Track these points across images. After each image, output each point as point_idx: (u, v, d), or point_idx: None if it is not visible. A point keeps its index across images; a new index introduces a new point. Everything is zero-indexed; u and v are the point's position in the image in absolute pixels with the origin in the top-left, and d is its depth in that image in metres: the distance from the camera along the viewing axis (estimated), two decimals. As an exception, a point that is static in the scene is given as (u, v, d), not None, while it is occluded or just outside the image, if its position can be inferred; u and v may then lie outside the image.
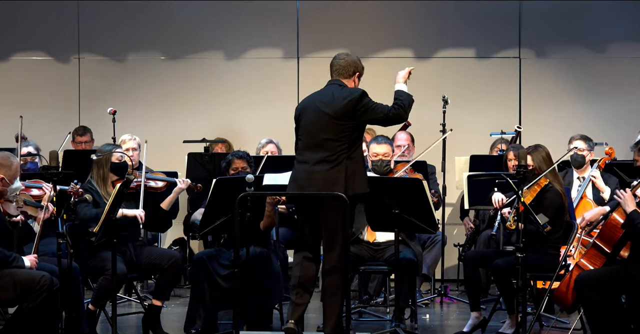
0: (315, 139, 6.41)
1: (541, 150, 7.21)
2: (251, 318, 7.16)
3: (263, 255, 7.27)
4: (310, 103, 6.51)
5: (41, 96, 10.61)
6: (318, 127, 6.41)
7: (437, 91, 9.62)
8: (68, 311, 6.57)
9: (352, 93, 6.46)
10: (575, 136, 8.44)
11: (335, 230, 6.38)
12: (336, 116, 6.39)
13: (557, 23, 10.50)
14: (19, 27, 10.66)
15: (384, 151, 7.69)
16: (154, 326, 7.17)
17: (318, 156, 6.38)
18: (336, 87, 6.51)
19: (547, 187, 7.11)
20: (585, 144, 8.34)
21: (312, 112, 6.46)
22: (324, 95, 6.50)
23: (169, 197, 7.51)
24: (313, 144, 6.42)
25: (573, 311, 7.13)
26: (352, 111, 6.41)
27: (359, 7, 10.59)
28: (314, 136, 6.42)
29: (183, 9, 10.64)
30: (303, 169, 6.42)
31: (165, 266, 7.17)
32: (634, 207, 6.35)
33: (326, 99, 6.45)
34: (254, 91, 10.51)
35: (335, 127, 6.39)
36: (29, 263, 6.32)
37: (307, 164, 6.41)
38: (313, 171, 6.38)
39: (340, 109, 6.39)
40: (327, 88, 6.56)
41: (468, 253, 7.56)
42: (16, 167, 6.39)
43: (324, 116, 6.40)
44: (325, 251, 6.45)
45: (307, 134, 6.47)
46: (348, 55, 6.63)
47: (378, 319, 7.94)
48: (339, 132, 6.40)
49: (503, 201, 7.17)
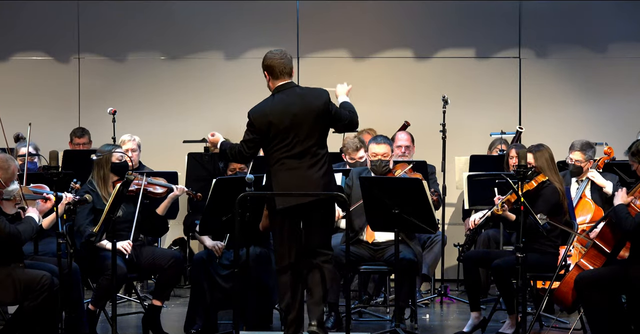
0: (301, 146, 6.26)
1: (544, 150, 7.21)
2: (251, 318, 7.17)
3: (263, 255, 7.27)
4: (279, 111, 6.26)
5: (41, 96, 10.61)
6: (300, 134, 6.25)
7: (437, 91, 9.63)
8: (68, 311, 6.57)
9: (322, 93, 6.32)
10: (575, 145, 8.19)
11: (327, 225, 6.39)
12: (316, 119, 6.27)
13: (557, 23, 10.49)
14: (19, 27, 10.65)
15: (383, 151, 7.65)
16: (154, 326, 7.17)
17: (305, 161, 6.28)
18: (299, 89, 6.35)
19: (545, 183, 7.11)
20: (584, 156, 8.18)
21: (286, 119, 6.24)
22: (293, 99, 6.28)
23: (164, 203, 7.46)
24: (298, 152, 6.26)
25: (573, 311, 7.13)
26: (327, 111, 6.30)
27: (359, 7, 10.58)
28: (299, 143, 6.26)
29: (183, 9, 10.64)
30: (295, 174, 6.27)
31: (166, 266, 7.17)
32: (622, 202, 6.42)
33: (298, 104, 6.26)
34: (254, 91, 10.45)
35: (316, 131, 6.28)
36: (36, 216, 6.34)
37: (297, 170, 6.27)
38: (307, 175, 6.28)
39: (319, 111, 6.27)
40: (289, 92, 6.32)
41: (468, 252, 7.57)
42: (13, 170, 6.40)
43: (304, 121, 6.24)
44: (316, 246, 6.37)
45: (288, 141, 6.26)
46: (283, 51, 6.37)
47: (378, 319, 7.94)
48: (320, 136, 6.31)
49: (475, 222, 7.22)
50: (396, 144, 9.02)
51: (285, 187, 6.28)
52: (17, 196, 6.45)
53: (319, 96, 6.32)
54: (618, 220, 6.41)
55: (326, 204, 6.36)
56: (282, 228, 6.36)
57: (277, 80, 6.36)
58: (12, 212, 6.45)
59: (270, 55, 6.36)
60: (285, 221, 6.34)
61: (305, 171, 6.28)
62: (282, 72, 6.33)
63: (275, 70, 6.34)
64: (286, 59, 6.34)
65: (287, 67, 6.34)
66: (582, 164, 8.17)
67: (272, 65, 6.34)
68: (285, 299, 6.38)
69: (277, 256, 6.43)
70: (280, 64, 6.33)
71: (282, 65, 6.33)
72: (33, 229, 6.34)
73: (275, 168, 6.31)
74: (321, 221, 6.38)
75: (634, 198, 6.47)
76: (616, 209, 6.43)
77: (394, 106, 10.36)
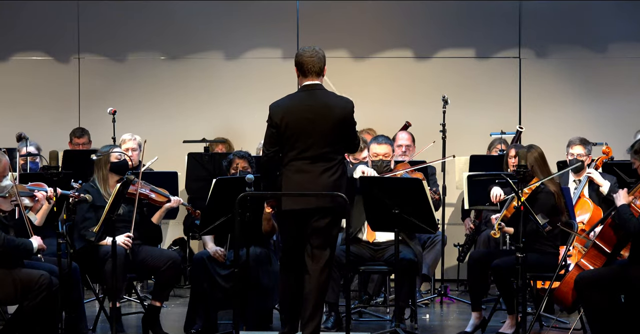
0: (316, 150, 6.19)
1: (534, 150, 7.19)
2: (251, 318, 7.17)
3: (263, 255, 7.27)
4: (298, 110, 6.19)
5: (41, 96, 10.61)
6: (316, 138, 6.18)
7: (437, 91, 9.63)
8: (68, 311, 6.57)
9: (347, 104, 6.27)
10: (574, 141, 8.28)
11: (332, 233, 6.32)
12: (334, 127, 6.19)
13: (557, 23, 10.49)
14: (19, 27, 10.66)
15: (384, 151, 7.64)
16: (153, 326, 7.16)
17: (319, 166, 6.22)
18: (324, 93, 6.27)
19: (539, 188, 7.10)
20: (585, 150, 8.24)
21: (305, 122, 6.17)
22: (314, 102, 6.22)
23: (158, 212, 7.43)
24: (312, 156, 6.20)
25: (573, 311, 7.13)
26: (347, 123, 6.25)
27: (359, 7, 10.58)
28: (314, 147, 6.19)
29: (183, 9, 10.64)
30: (307, 177, 6.20)
31: (163, 267, 7.15)
32: (625, 202, 6.39)
33: (319, 109, 6.19)
34: (254, 90, 10.49)
35: (333, 138, 6.21)
36: (37, 243, 6.33)
37: (309, 174, 6.20)
38: (318, 180, 6.20)
39: (339, 120, 6.20)
40: (312, 93, 6.26)
41: (472, 253, 7.56)
42: (4, 165, 6.40)
43: (322, 127, 6.17)
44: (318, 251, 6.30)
45: (303, 143, 6.19)
46: (315, 49, 6.30)
47: (378, 319, 7.94)
48: (337, 142, 6.23)
49: (500, 197, 7.18)
50: (397, 143, 9.03)
51: (294, 189, 6.23)
52: (12, 193, 6.45)
53: (345, 106, 6.25)
54: (622, 221, 6.37)
55: (332, 213, 6.27)
56: (289, 230, 6.34)
57: (305, 78, 6.29)
58: (9, 209, 6.45)
59: (301, 52, 6.30)
60: (291, 223, 6.30)
61: (318, 175, 6.21)
62: (311, 70, 6.25)
63: (303, 67, 6.26)
64: (317, 57, 6.25)
65: (315, 66, 6.25)
66: (583, 157, 8.19)
67: (301, 62, 6.26)
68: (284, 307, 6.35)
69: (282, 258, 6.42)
70: (309, 61, 6.25)
71: (312, 63, 6.25)
72: (23, 253, 6.31)
73: (287, 168, 6.26)
74: (324, 230, 6.27)
75: (634, 198, 6.46)
76: (619, 210, 6.39)
77: (394, 106, 10.36)
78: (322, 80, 6.31)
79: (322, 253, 6.29)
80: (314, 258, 6.29)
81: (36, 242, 6.35)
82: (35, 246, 6.34)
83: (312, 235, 6.28)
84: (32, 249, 6.31)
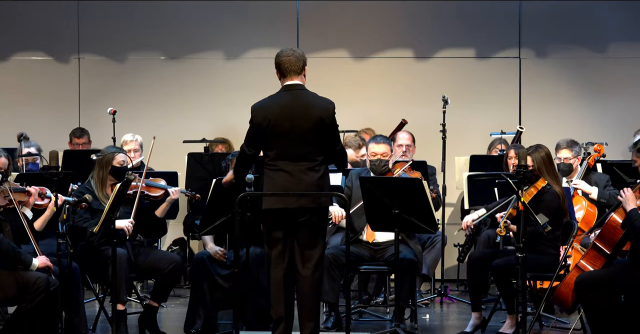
0: (298, 150, 6.16)
1: (541, 150, 7.19)
2: (251, 318, 7.17)
3: (263, 255, 7.26)
4: (280, 111, 6.16)
5: (41, 96, 10.61)
6: (297, 139, 6.15)
7: (437, 91, 9.63)
8: (68, 312, 6.56)
9: (328, 105, 6.22)
10: (561, 144, 8.26)
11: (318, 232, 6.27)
12: (314, 127, 6.15)
13: (557, 23, 10.49)
14: (19, 27, 10.66)
15: (382, 150, 7.62)
16: (150, 326, 7.16)
17: (301, 165, 6.18)
18: (305, 93, 6.23)
19: (545, 188, 7.10)
20: (572, 153, 8.22)
21: (285, 122, 6.15)
22: (294, 102, 6.19)
23: (162, 205, 7.43)
24: (294, 155, 6.17)
25: (573, 312, 7.13)
26: (328, 125, 6.20)
27: (359, 7, 10.58)
28: (296, 146, 6.16)
29: (183, 9, 10.64)
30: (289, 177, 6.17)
31: (166, 270, 7.14)
32: (634, 206, 6.35)
33: (301, 109, 6.16)
34: (254, 91, 10.46)
35: (315, 138, 6.17)
36: (38, 263, 6.33)
37: (291, 173, 6.16)
38: (301, 179, 6.17)
39: (320, 121, 6.16)
40: (292, 94, 6.23)
41: (472, 253, 7.56)
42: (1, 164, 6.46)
43: (303, 127, 6.14)
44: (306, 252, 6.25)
45: (285, 143, 6.16)
46: (292, 49, 6.28)
47: (378, 319, 7.94)
48: (319, 143, 6.19)
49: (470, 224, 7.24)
50: (397, 143, 9.01)
51: (276, 188, 6.20)
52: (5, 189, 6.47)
53: (325, 106, 6.22)
54: (632, 226, 6.32)
55: (315, 213, 6.22)
56: (272, 231, 6.26)
57: (285, 78, 6.28)
58: (2, 204, 6.46)
59: (279, 53, 6.30)
60: (273, 223, 6.24)
61: (300, 174, 6.18)
62: (289, 69, 6.24)
63: (282, 67, 6.26)
64: (294, 56, 6.24)
65: (293, 65, 6.23)
66: (570, 160, 8.19)
67: (279, 62, 6.26)
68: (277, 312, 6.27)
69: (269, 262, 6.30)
70: (286, 61, 6.24)
71: (289, 62, 6.23)
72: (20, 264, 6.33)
73: (269, 168, 6.24)
74: (309, 231, 6.22)
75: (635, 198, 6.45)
76: (630, 215, 6.33)
77: (394, 105, 10.36)
78: (303, 81, 6.28)
79: (310, 253, 6.23)
80: (303, 260, 6.22)
81: (37, 262, 6.36)
82: (35, 264, 6.34)
83: (298, 236, 6.23)
84: (28, 266, 6.33)
